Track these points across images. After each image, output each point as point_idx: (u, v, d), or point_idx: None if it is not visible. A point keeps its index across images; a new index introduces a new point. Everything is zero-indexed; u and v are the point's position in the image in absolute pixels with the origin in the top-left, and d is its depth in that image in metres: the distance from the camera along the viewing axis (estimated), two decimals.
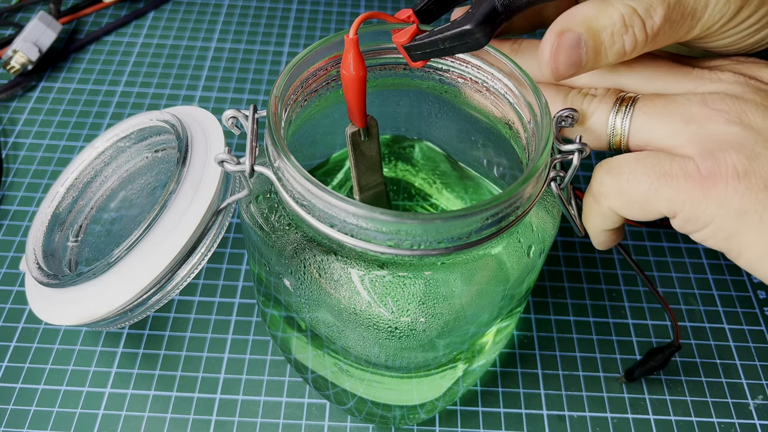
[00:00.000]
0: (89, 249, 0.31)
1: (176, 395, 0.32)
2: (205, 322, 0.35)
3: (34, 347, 0.34)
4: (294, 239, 0.24)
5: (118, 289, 0.25)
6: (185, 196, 0.26)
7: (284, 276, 0.24)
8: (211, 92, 0.48)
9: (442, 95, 0.28)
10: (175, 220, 0.25)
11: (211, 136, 0.28)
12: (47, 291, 0.28)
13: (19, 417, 0.31)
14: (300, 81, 0.25)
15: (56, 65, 0.49)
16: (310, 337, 0.28)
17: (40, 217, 0.31)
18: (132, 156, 0.33)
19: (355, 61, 0.23)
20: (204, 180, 0.26)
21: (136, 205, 0.31)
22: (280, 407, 0.32)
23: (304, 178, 0.20)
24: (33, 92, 0.47)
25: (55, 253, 0.30)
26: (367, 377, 0.27)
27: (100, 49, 0.51)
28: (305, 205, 0.21)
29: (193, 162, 0.27)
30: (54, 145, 0.44)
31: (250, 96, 0.48)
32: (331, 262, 0.23)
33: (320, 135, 0.30)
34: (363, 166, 0.28)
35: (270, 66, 0.50)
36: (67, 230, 0.32)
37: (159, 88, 0.48)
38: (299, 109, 0.26)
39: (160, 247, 0.25)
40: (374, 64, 0.27)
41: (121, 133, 0.32)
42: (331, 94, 0.26)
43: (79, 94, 0.47)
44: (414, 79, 0.28)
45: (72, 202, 0.32)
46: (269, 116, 0.22)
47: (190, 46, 0.52)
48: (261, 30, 0.54)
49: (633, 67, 0.25)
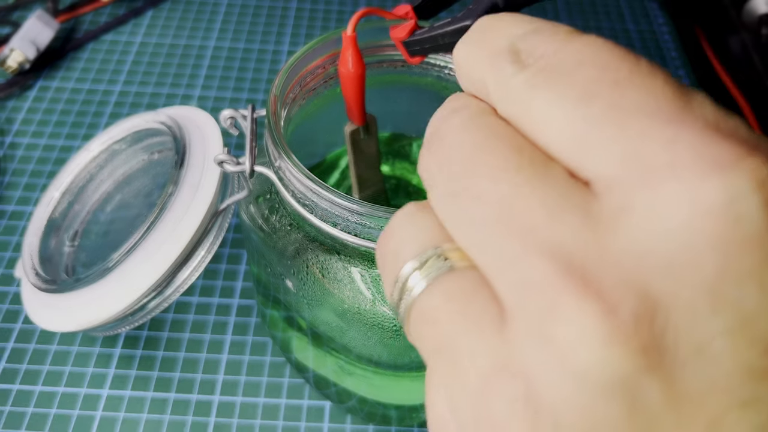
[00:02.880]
0: (87, 253, 0.30)
1: (174, 396, 0.32)
2: (204, 323, 0.35)
3: (32, 348, 0.34)
4: (295, 239, 0.23)
5: (117, 294, 0.25)
6: (184, 198, 0.25)
7: (286, 277, 0.24)
8: (209, 92, 0.48)
9: (440, 92, 0.28)
10: (174, 223, 0.25)
11: (209, 137, 0.28)
12: (45, 297, 0.27)
13: (17, 419, 0.31)
14: (298, 79, 0.24)
15: (54, 64, 0.49)
16: (311, 336, 0.28)
17: (36, 223, 0.31)
18: (128, 158, 0.32)
19: (354, 59, 0.23)
20: (202, 181, 0.26)
21: (133, 208, 0.31)
22: (280, 409, 0.32)
23: (306, 178, 0.20)
24: (30, 91, 0.47)
25: (52, 258, 0.30)
26: (369, 376, 0.27)
27: (98, 48, 0.51)
28: (307, 204, 0.21)
29: (191, 163, 0.27)
30: (52, 144, 0.44)
31: (250, 95, 0.48)
32: (334, 262, 0.23)
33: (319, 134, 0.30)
34: (362, 164, 0.28)
35: (269, 65, 0.50)
36: (64, 235, 0.31)
37: (157, 87, 0.48)
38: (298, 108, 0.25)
39: (160, 250, 0.25)
40: (373, 61, 0.26)
41: (117, 136, 0.32)
42: (329, 92, 0.26)
43: (77, 94, 0.47)
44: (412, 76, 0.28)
45: (68, 207, 0.32)
46: (269, 115, 0.22)
47: (189, 45, 0.51)
48: (260, 29, 0.53)
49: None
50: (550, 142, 0.12)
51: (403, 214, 0.14)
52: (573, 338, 0.10)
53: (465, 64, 0.14)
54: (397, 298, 0.14)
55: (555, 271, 0.11)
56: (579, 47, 0.12)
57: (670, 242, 0.10)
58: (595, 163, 0.11)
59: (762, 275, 0.10)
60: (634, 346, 0.10)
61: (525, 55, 0.13)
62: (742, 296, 0.10)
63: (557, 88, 0.12)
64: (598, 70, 0.12)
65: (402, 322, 0.14)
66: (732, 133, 0.11)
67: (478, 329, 0.12)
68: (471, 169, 0.12)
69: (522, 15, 0.14)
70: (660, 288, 0.10)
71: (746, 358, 0.10)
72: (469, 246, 0.12)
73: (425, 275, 0.13)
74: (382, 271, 0.15)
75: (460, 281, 0.13)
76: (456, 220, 0.13)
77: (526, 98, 0.12)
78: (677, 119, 0.11)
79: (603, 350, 0.10)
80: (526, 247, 0.11)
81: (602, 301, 0.10)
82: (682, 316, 0.10)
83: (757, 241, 0.10)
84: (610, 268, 0.10)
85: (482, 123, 0.13)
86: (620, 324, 0.10)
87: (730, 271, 0.10)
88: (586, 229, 0.11)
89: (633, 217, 0.10)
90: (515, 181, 0.12)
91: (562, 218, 0.11)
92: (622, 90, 0.11)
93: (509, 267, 0.11)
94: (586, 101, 0.11)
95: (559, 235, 0.11)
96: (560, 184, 0.11)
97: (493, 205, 0.12)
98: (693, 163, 0.10)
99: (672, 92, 0.11)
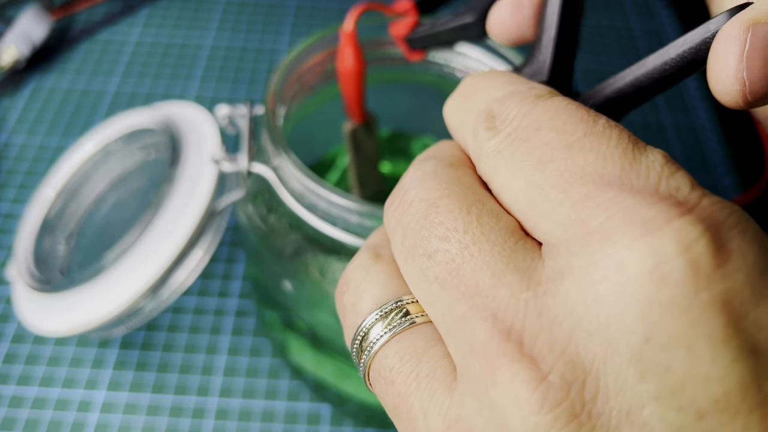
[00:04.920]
0: (82, 254, 0.30)
1: (173, 398, 0.32)
2: (201, 324, 0.35)
3: (28, 349, 0.33)
4: (294, 240, 0.23)
5: (112, 295, 0.24)
6: (179, 197, 0.25)
7: (284, 277, 0.24)
8: (206, 91, 0.47)
9: (442, 90, 0.28)
10: (170, 223, 0.25)
11: (206, 135, 0.28)
12: (39, 298, 0.27)
13: (13, 422, 0.31)
14: (297, 76, 0.24)
15: (49, 61, 0.49)
16: (309, 338, 0.27)
17: (30, 223, 0.31)
18: (123, 157, 0.32)
19: (354, 55, 0.23)
20: (199, 181, 0.26)
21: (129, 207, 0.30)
22: (279, 411, 0.32)
23: (305, 177, 0.20)
24: (25, 89, 0.47)
25: (46, 258, 0.30)
26: None
27: (93, 45, 0.50)
28: (306, 204, 0.21)
29: (187, 162, 0.26)
30: (47, 142, 0.43)
31: (248, 93, 0.47)
32: (333, 262, 0.22)
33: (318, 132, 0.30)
34: (362, 163, 0.27)
35: (268, 64, 0.50)
36: (59, 235, 0.31)
37: (153, 85, 0.47)
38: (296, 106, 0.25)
39: (155, 250, 0.24)
40: (372, 58, 0.26)
41: (111, 134, 0.31)
42: (328, 89, 0.26)
43: (72, 92, 0.47)
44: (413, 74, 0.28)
45: (62, 206, 0.31)
46: (267, 113, 0.22)
47: (186, 43, 0.51)
48: (259, 27, 0.53)
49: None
50: (510, 205, 0.12)
51: (359, 265, 0.15)
52: (509, 404, 0.10)
53: (451, 122, 0.16)
54: (357, 352, 0.14)
55: (495, 335, 0.11)
56: (542, 111, 0.13)
57: (601, 307, 0.10)
58: (543, 227, 0.12)
59: (689, 339, 0.10)
60: (564, 412, 0.10)
61: (499, 121, 0.13)
62: (669, 361, 0.10)
63: (517, 154, 0.12)
64: (555, 133, 0.12)
65: (361, 374, 0.14)
66: (670, 195, 0.11)
67: (430, 390, 0.12)
68: (425, 226, 0.13)
69: (505, 74, 0.15)
70: (591, 353, 0.10)
71: (677, 425, 0.10)
72: (423, 301, 0.13)
73: (384, 330, 0.13)
74: (342, 323, 0.15)
75: (415, 339, 0.13)
76: (411, 275, 0.13)
77: (493, 164, 0.13)
78: (617, 183, 0.11)
79: (535, 417, 0.10)
80: (470, 309, 0.11)
81: (535, 367, 0.10)
82: (612, 382, 0.10)
83: (682, 305, 0.10)
84: (546, 332, 0.11)
85: (440, 177, 0.14)
86: (550, 390, 0.10)
87: (657, 336, 0.10)
88: (527, 291, 0.11)
89: (569, 281, 0.11)
90: (464, 241, 0.12)
91: (504, 280, 0.11)
92: (574, 153, 0.12)
93: (456, 327, 0.12)
94: (540, 167, 0.12)
95: (500, 298, 0.11)
96: (508, 245, 0.12)
97: (443, 264, 0.12)
98: (624, 227, 0.10)
99: (620, 154, 0.11)
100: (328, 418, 0.31)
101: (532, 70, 0.16)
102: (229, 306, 0.36)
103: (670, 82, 0.14)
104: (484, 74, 0.15)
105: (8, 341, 0.33)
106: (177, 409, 0.32)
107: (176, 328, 0.34)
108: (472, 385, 0.11)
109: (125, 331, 0.27)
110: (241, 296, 0.36)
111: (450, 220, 0.12)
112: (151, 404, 0.32)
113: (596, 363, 0.10)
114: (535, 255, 0.12)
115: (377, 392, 0.14)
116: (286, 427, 0.31)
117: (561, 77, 0.16)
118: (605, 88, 0.15)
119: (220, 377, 0.33)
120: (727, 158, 0.43)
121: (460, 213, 0.12)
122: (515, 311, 0.11)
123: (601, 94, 0.15)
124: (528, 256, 0.12)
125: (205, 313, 0.35)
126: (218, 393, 0.32)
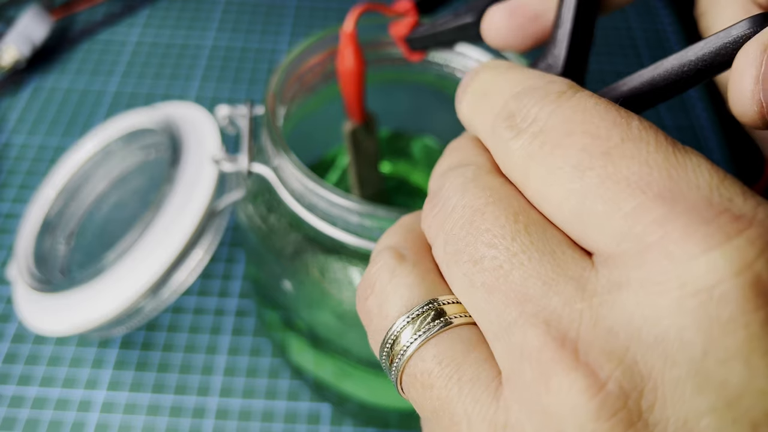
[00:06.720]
0: (82, 254, 0.30)
1: (173, 398, 0.32)
2: (201, 324, 0.35)
3: (28, 349, 0.33)
4: (294, 240, 0.23)
5: (112, 295, 0.24)
6: (179, 197, 0.25)
7: (284, 277, 0.24)
8: (206, 91, 0.47)
9: (441, 90, 0.28)
10: (170, 223, 0.25)
11: (206, 135, 0.28)
12: (39, 298, 0.27)
13: (13, 422, 0.31)
14: (297, 76, 0.24)
15: (49, 61, 0.49)
16: (310, 338, 0.27)
17: (30, 223, 0.31)
18: (123, 157, 0.32)
19: (354, 56, 0.23)
20: (199, 181, 0.26)
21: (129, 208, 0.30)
22: (279, 411, 0.32)
23: (305, 177, 0.20)
24: (25, 89, 0.47)
25: (47, 258, 0.30)
26: (369, 378, 0.27)
27: (93, 46, 0.50)
28: (306, 204, 0.21)
29: (187, 162, 0.26)
30: (47, 142, 0.43)
31: (248, 93, 0.47)
32: (333, 262, 0.22)
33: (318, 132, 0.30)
34: (362, 163, 0.27)
35: (268, 64, 0.50)
36: (59, 235, 0.31)
37: (154, 84, 0.47)
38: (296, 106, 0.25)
39: (155, 250, 0.24)
40: (372, 58, 0.26)
41: (111, 134, 0.31)
42: (328, 89, 0.26)
43: (72, 92, 0.47)
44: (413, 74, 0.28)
45: (63, 206, 0.31)
46: (267, 113, 0.22)
47: (186, 43, 0.51)
48: (259, 27, 0.53)
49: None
50: (551, 214, 0.12)
51: (382, 267, 0.14)
52: (564, 411, 0.10)
53: (467, 121, 0.15)
54: (387, 357, 0.14)
55: (548, 342, 0.11)
56: (570, 112, 0.12)
57: (660, 320, 0.10)
58: (593, 238, 0.11)
59: (746, 354, 0.10)
60: (622, 421, 0.10)
61: (519, 119, 0.13)
62: (727, 375, 0.10)
63: (551, 159, 0.12)
64: (590, 138, 0.12)
65: (392, 379, 0.14)
66: (725, 208, 0.11)
67: (474, 395, 0.12)
68: (471, 233, 0.13)
69: (519, 68, 0.14)
70: (649, 364, 0.10)
71: None
72: (468, 305, 0.13)
73: (417, 333, 0.13)
74: (367, 327, 0.14)
75: (452, 342, 0.13)
76: (455, 279, 0.13)
77: (524, 168, 0.13)
78: (668, 194, 0.11)
79: (592, 424, 0.10)
80: (521, 316, 0.11)
81: (592, 375, 0.10)
82: (670, 393, 0.10)
83: (742, 321, 0.10)
84: (602, 341, 0.11)
85: (482, 184, 0.13)
86: (608, 398, 0.10)
87: (715, 350, 0.10)
88: (581, 300, 0.11)
89: (627, 293, 0.11)
90: (512, 248, 0.12)
91: (557, 289, 0.11)
92: (614, 161, 0.11)
93: (505, 333, 0.12)
94: (579, 175, 0.12)
95: (552, 306, 0.11)
96: (557, 254, 0.12)
97: (491, 271, 0.12)
98: (683, 243, 0.10)
99: (663, 159, 0.11)
100: (328, 418, 0.31)
101: (547, 64, 0.16)
102: (229, 306, 0.36)
103: (687, 84, 0.14)
104: (497, 69, 0.15)
105: (8, 341, 0.33)
106: (177, 408, 0.32)
107: (176, 328, 0.34)
108: (521, 391, 0.11)
109: (125, 331, 0.27)
110: (241, 296, 0.36)
111: (497, 228, 0.12)
112: (151, 404, 0.32)
113: (654, 373, 0.10)
114: (586, 265, 0.12)
115: (412, 397, 0.13)
116: (286, 426, 0.31)
117: (576, 72, 0.16)
118: (620, 86, 0.15)
119: (220, 377, 0.33)
120: (727, 158, 0.44)
121: (507, 221, 0.12)
122: (569, 320, 0.11)
123: (615, 91, 0.15)
124: (579, 266, 0.12)
125: (205, 313, 0.35)
126: (218, 393, 0.32)
